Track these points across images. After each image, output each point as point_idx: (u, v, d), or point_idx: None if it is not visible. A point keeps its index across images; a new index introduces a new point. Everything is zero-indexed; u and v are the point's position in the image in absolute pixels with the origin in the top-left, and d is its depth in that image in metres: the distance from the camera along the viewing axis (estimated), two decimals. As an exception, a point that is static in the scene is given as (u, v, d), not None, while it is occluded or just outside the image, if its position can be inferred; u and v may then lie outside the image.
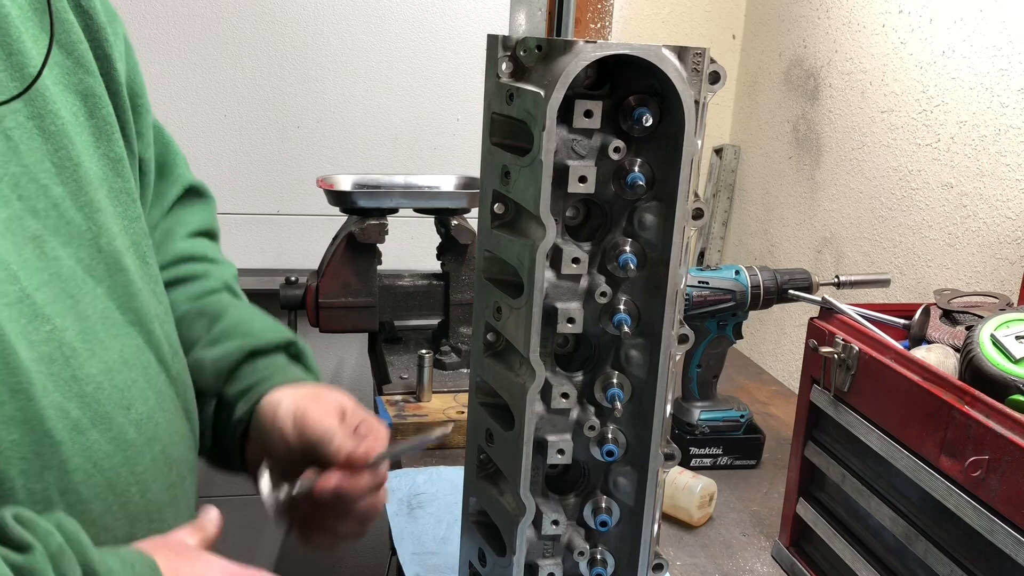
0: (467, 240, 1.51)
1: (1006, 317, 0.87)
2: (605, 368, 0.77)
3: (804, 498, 1.04)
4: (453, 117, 1.99)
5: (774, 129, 1.89)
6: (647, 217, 0.74)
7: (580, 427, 0.77)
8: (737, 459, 1.31)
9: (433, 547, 1.07)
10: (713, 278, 1.25)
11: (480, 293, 0.80)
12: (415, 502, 1.16)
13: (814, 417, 1.02)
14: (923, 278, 1.42)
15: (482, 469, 0.83)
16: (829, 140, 1.68)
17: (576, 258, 0.72)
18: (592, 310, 0.75)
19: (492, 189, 0.76)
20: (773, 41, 1.89)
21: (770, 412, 1.51)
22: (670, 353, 0.75)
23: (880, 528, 0.91)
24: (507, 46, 0.72)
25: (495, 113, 0.75)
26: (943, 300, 1.05)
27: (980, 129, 1.31)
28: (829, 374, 0.95)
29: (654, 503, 0.78)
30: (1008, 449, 0.72)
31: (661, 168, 0.73)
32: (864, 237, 1.57)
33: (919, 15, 1.43)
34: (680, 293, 0.74)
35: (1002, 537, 0.72)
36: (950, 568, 0.79)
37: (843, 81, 1.64)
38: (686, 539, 1.13)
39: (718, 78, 0.71)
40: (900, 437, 0.86)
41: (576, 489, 0.81)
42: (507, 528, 0.78)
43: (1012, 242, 1.25)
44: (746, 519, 1.18)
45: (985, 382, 0.82)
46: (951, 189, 1.36)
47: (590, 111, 0.69)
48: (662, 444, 0.77)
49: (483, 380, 0.81)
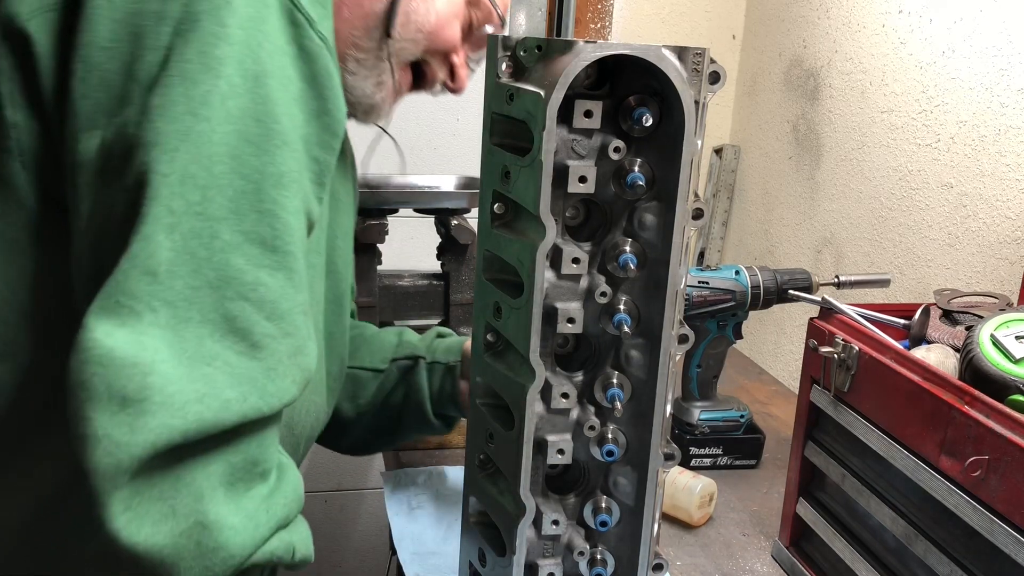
0: (467, 240, 1.50)
1: (1006, 317, 0.87)
2: (605, 368, 0.77)
3: (804, 498, 1.04)
4: (453, 117, 1.99)
5: (774, 129, 1.89)
6: (647, 217, 0.74)
7: (580, 427, 0.77)
8: (737, 459, 1.31)
9: (433, 547, 1.07)
10: (713, 278, 1.25)
11: (480, 293, 0.80)
12: (415, 502, 1.16)
13: (814, 417, 1.02)
14: (923, 278, 1.42)
15: (482, 469, 0.83)
16: (829, 140, 1.68)
17: (576, 258, 0.72)
18: (592, 310, 0.75)
19: (492, 189, 0.76)
20: (773, 41, 1.89)
21: (770, 412, 1.51)
22: (670, 353, 0.75)
23: (880, 528, 0.91)
24: (507, 46, 0.72)
25: (495, 113, 0.75)
26: (943, 300, 1.05)
27: (980, 129, 1.31)
28: (829, 374, 0.95)
29: (654, 503, 0.78)
30: (1008, 449, 0.72)
31: (661, 168, 0.73)
32: (864, 237, 1.57)
33: (919, 15, 1.43)
34: (680, 293, 0.74)
35: (1002, 537, 0.72)
36: (950, 568, 0.79)
37: (843, 81, 1.64)
38: (686, 539, 1.13)
39: (718, 78, 0.71)
40: (900, 437, 0.86)
41: (576, 489, 0.81)
42: (507, 528, 0.78)
43: (1012, 242, 1.25)
44: (746, 519, 1.18)
45: (985, 382, 0.82)
46: (951, 189, 1.36)
47: (590, 111, 0.69)
48: (662, 444, 0.77)
49: (483, 380, 0.81)
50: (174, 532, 0.62)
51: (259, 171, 0.66)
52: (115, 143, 0.64)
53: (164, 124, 0.63)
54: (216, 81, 0.64)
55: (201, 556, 0.63)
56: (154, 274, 0.62)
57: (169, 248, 0.62)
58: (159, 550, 0.61)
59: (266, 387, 0.66)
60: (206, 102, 0.63)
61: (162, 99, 0.63)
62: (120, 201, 0.64)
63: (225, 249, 0.64)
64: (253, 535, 0.66)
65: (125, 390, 0.59)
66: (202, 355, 0.63)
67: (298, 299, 0.68)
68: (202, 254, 0.63)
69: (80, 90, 0.65)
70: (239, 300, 0.65)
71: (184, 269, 0.63)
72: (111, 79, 0.65)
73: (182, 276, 0.62)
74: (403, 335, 1.15)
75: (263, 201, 0.66)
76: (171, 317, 0.62)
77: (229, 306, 0.64)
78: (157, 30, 0.64)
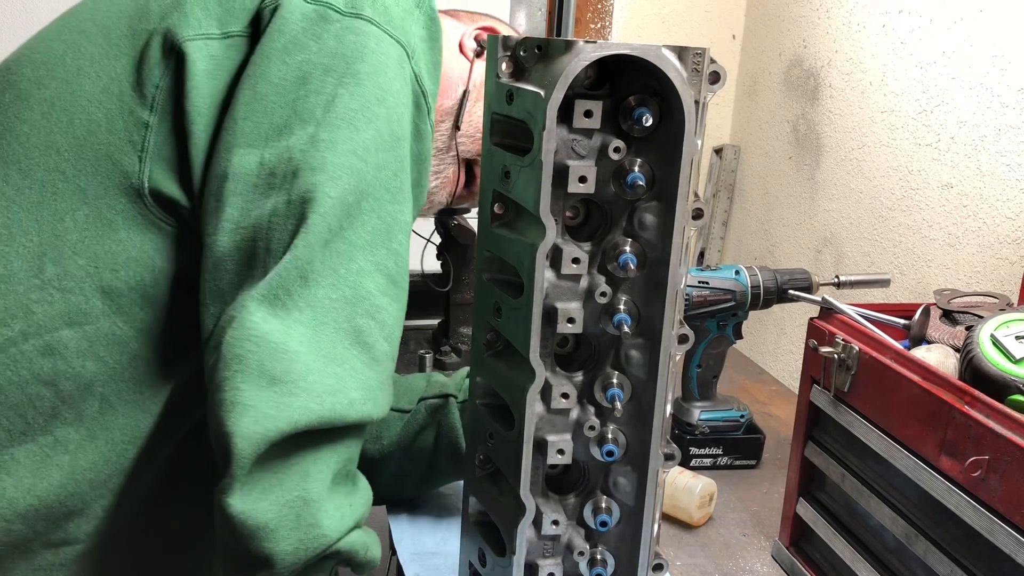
0: (467, 240, 1.50)
1: (1006, 317, 0.87)
2: (605, 368, 0.77)
3: (804, 498, 1.04)
4: (453, 117, 1.99)
5: (774, 129, 1.89)
6: (647, 217, 0.74)
7: (580, 427, 0.77)
8: (737, 459, 1.31)
9: (433, 547, 1.07)
10: (713, 278, 1.25)
11: (480, 293, 0.80)
12: (415, 502, 1.16)
13: (814, 417, 1.02)
14: (923, 278, 1.42)
15: (482, 469, 0.83)
16: (829, 140, 1.68)
17: (576, 258, 0.72)
18: (592, 310, 0.75)
19: (492, 189, 0.76)
20: (773, 41, 1.89)
21: (770, 412, 1.51)
22: (670, 353, 0.75)
23: (880, 528, 0.91)
24: (507, 46, 0.72)
25: (495, 113, 0.75)
26: (943, 300, 1.05)
27: (980, 129, 1.31)
28: (829, 374, 0.95)
29: (654, 503, 0.78)
30: (1008, 449, 0.72)
31: (661, 168, 0.73)
32: (864, 237, 1.57)
33: (919, 15, 1.43)
34: (680, 293, 0.74)
35: (1002, 537, 0.72)
36: (950, 568, 0.79)
37: (843, 81, 1.64)
38: (686, 539, 1.13)
39: (718, 78, 0.71)
40: (900, 437, 0.86)
41: (576, 489, 0.81)
42: (507, 528, 0.78)
43: (1012, 242, 1.25)
44: (746, 519, 1.18)
45: (985, 382, 0.82)
46: (951, 189, 1.36)
47: (590, 111, 0.69)
48: (662, 444, 0.77)
49: (483, 380, 0.81)
50: (279, 502, 0.69)
51: (392, 216, 0.78)
52: (278, 164, 0.74)
53: (332, 156, 0.74)
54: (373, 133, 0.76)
55: (298, 528, 0.70)
56: (306, 278, 0.71)
57: (320, 260, 0.72)
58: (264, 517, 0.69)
59: (379, 398, 0.75)
60: (366, 147, 0.76)
61: (330, 135, 0.74)
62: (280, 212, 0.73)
63: (360, 273, 0.75)
64: (341, 523, 0.73)
65: (274, 370, 0.68)
66: (335, 357, 0.72)
67: (399, 332, 0.79)
68: (342, 272, 0.73)
69: (243, 112, 0.75)
70: (367, 318, 0.74)
71: (327, 281, 0.72)
72: (274, 110, 0.75)
73: (324, 287, 0.72)
74: (431, 376, 1.13)
75: (392, 241, 0.77)
76: (312, 319, 0.71)
77: (359, 321, 0.74)
78: (323, 79, 0.76)
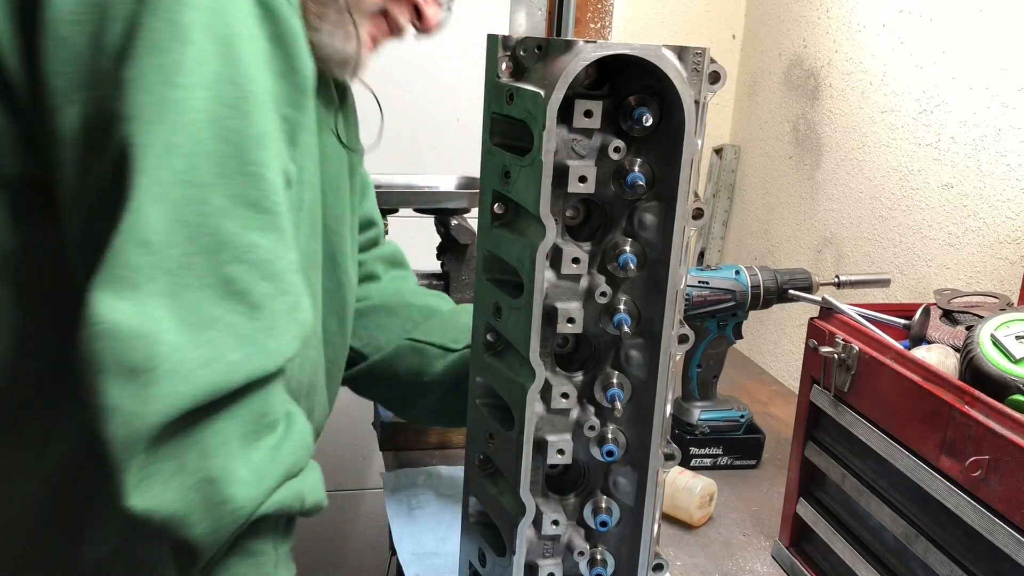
0: (467, 240, 1.50)
1: (1006, 317, 0.87)
2: (605, 368, 0.77)
3: (804, 498, 1.04)
4: (453, 117, 1.99)
5: (774, 129, 1.89)
6: (647, 217, 0.74)
7: (580, 427, 0.77)
8: (737, 459, 1.31)
9: (433, 547, 1.07)
10: (713, 278, 1.25)
11: (480, 293, 0.80)
12: (415, 502, 1.16)
13: (814, 417, 1.02)
14: (923, 278, 1.42)
15: (482, 469, 0.83)
16: (829, 140, 1.68)
17: (576, 258, 0.72)
18: (592, 310, 0.75)
19: (492, 189, 0.76)
20: (773, 41, 1.89)
21: (770, 412, 1.51)
22: (670, 353, 0.75)
23: (880, 528, 0.91)
24: (507, 46, 0.72)
25: (495, 113, 0.75)
26: (943, 300, 1.05)
27: (980, 129, 1.31)
28: (829, 374, 0.95)
29: (654, 503, 0.78)
30: (1008, 449, 0.72)
31: (661, 168, 0.73)
32: (864, 237, 1.57)
33: (919, 15, 1.43)
34: (680, 293, 0.74)
35: (1002, 537, 0.72)
36: (950, 568, 0.79)
37: (843, 81, 1.64)
38: (686, 539, 1.13)
39: (718, 78, 0.71)
40: (900, 437, 0.86)
41: (576, 489, 0.81)
42: (507, 528, 0.78)
43: (1012, 242, 1.25)
44: (746, 519, 1.18)
45: (985, 382, 0.82)
46: (951, 189, 1.36)
47: (590, 111, 0.69)
48: (662, 444, 0.77)
49: (483, 380, 0.81)
50: (182, 488, 0.64)
51: (240, 133, 0.66)
52: (95, 117, 0.64)
53: (139, 96, 0.62)
54: (185, 48, 0.63)
55: (209, 510, 0.65)
56: (148, 244, 0.62)
57: (161, 217, 0.63)
58: (169, 508, 0.64)
59: (268, 346, 0.67)
60: (179, 70, 0.63)
61: (134, 71, 0.62)
62: (106, 175, 0.64)
63: (216, 214, 0.65)
64: (259, 487, 0.68)
65: (133, 361, 0.61)
66: (204, 320, 0.64)
67: (289, 257, 0.70)
68: (194, 220, 0.64)
69: (51, 67, 0.64)
70: (235, 263, 0.66)
71: (178, 237, 0.63)
72: (81, 52, 0.64)
73: (177, 244, 0.63)
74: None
75: (247, 163, 0.66)
76: (170, 285, 0.63)
77: (226, 270, 0.65)
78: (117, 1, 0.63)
